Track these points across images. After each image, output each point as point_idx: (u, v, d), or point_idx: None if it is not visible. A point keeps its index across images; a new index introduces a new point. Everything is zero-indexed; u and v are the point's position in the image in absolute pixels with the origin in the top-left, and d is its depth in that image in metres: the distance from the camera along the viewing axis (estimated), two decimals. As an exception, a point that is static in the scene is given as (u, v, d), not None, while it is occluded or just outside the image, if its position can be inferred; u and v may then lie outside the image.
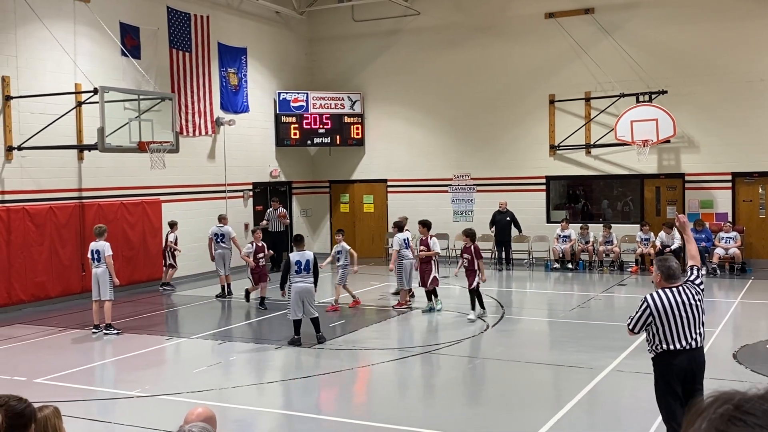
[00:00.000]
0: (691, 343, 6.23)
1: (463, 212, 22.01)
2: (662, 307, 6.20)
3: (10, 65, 15.05)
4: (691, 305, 6.23)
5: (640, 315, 6.30)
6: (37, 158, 15.46)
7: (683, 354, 6.21)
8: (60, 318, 14.31)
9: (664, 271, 6.33)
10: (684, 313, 6.21)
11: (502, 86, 21.26)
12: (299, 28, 23.44)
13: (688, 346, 6.21)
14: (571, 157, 20.74)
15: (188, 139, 18.66)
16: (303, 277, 11.64)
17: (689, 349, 6.22)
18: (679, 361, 6.22)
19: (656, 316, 6.21)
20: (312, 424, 8.31)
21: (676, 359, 6.22)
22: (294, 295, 11.60)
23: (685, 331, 6.20)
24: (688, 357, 6.23)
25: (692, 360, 6.25)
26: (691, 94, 19.17)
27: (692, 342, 6.23)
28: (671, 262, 6.39)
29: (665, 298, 6.23)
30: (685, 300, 6.23)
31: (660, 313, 6.20)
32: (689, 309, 6.22)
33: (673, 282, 6.31)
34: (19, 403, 3.65)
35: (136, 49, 17.58)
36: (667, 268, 6.33)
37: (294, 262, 11.66)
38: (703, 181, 19.46)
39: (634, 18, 19.82)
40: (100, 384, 10.28)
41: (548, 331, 13.34)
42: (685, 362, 6.22)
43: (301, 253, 11.83)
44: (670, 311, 6.19)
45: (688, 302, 6.23)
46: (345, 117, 22.76)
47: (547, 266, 20.03)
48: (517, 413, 8.48)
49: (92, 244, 12.95)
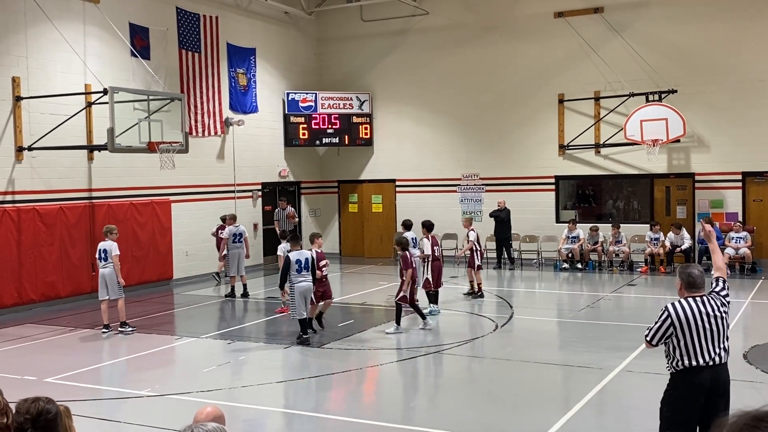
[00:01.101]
0: (715, 359, 5.67)
1: (471, 212, 21.96)
2: (685, 318, 5.66)
3: (20, 66, 15.13)
4: (716, 317, 5.70)
5: (660, 325, 5.74)
6: (48, 158, 15.53)
7: (706, 371, 5.65)
8: (70, 318, 14.37)
9: (685, 278, 5.84)
10: (708, 325, 5.67)
11: (511, 86, 21.22)
12: (308, 29, 23.47)
13: (711, 362, 5.66)
14: (580, 157, 20.69)
15: (197, 140, 18.71)
16: (304, 276, 11.70)
17: (713, 366, 5.66)
18: (701, 378, 5.65)
19: (677, 328, 5.67)
20: (320, 424, 8.31)
21: (698, 377, 5.65)
22: (297, 295, 11.64)
23: (708, 345, 5.66)
24: (712, 374, 5.67)
25: (716, 378, 5.69)
26: (701, 93, 19.09)
27: (716, 357, 5.67)
28: (692, 269, 5.89)
29: (688, 308, 5.69)
30: (709, 311, 5.70)
31: (682, 325, 5.66)
32: (714, 321, 5.69)
33: (695, 291, 5.80)
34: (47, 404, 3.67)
35: (146, 50, 17.64)
36: (687, 275, 5.84)
37: (294, 261, 11.67)
38: (713, 180, 19.38)
39: (643, 17, 19.75)
40: (109, 383, 10.31)
41: (557, 331, 13.31)
42: (708, 380, 5.65)
43: (300, 252, 11.86)
44: (693, 323, 5.66)
45: (712, 313, 5.70)
46: (353, 117, 22.78)
47: (557, 266, 19.99)
48: (526, 414, 8.46)
49: (100, 244, 13.03)
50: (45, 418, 3.59)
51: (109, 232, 13.05)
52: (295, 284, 11.64)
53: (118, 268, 12.87)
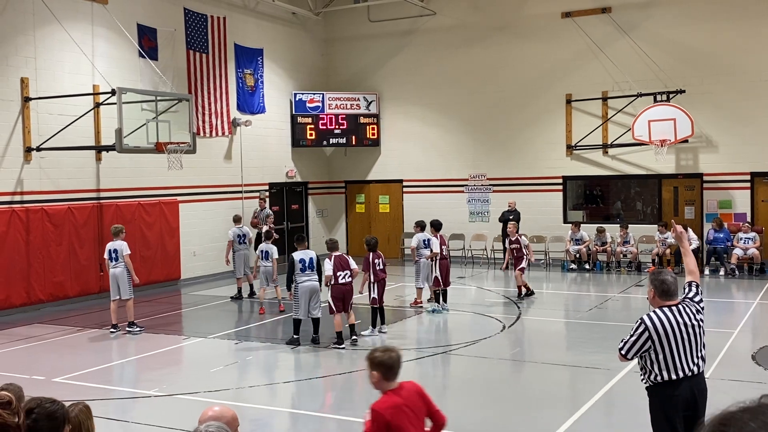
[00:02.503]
0: (693, 370, 5.43)
1: (479, 212, 21.96)
2: (663, 331, 5.36)
3: (29, 66, 15.19)
4: (693, 326, 5.44)
5: (636, 338, 5.43)
6: (56, 159, 15.59)
7: (685, 382, 5.42)
8: (78, 318, 14.42)
9: (657, 285, 5.53)
10: (687, 336, 5.40)
11: (519, 86, 21.19)
12: (315, 29, 23.49)
13: (690, 373, 5.42)
14: (588, 157, 20.64)
15: (205, 140, 18.75)
16: (309, 276, 11.67)
17: (691, 377, 5.43)
18: (680, 391, 5.42)
19: (656, 341, 5.37)
20: (326, 424, 8.32)
21: (677, 389, 5.42)
22: (302, 294, 11.62)
23: (687, 357, 5.40)
24: (690, 385, 5.44)
25: (694, 387, 5.47)
26: (710, 93, 19.02)
27: (694, 368, 5.44)
28: (665, 276, 5.57)
29: (665, 319, 5.40)
30: (687, 321, 5.43)
31: (660, 338, 5.36)
32: (691, 331, 5.42)
33: (669, 299, 5.50)
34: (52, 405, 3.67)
35: (154, 51, 17.69)
36: (660, 282, 5.52)
37: (298, 260, 11.65)
38: (721, 181, 19.30)
39: (651, 17, 19.69)
40: (117, 383, 10.34)
41: (565, 331, 13.28)
42: (687, 391, 5.43)
43: (304, 251, 11.84)
44: (672, 335, 5.37)
45: (690, 323, 5.43)
46: (361, 117, 22.78)
47: (564, 266, 19.95)
48: (533, 414, 8.44)
49: (109, 244, 13.07)
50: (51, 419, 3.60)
51: (119, 231, 13.08)
52: (299, 284, 11.63)
53: (131, 267, 12.91)
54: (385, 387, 4.65)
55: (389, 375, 4.65)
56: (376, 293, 12.30)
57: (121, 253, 12.80)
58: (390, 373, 4.65)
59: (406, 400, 4.62)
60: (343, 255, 11.92)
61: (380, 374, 4.63)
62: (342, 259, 11.74)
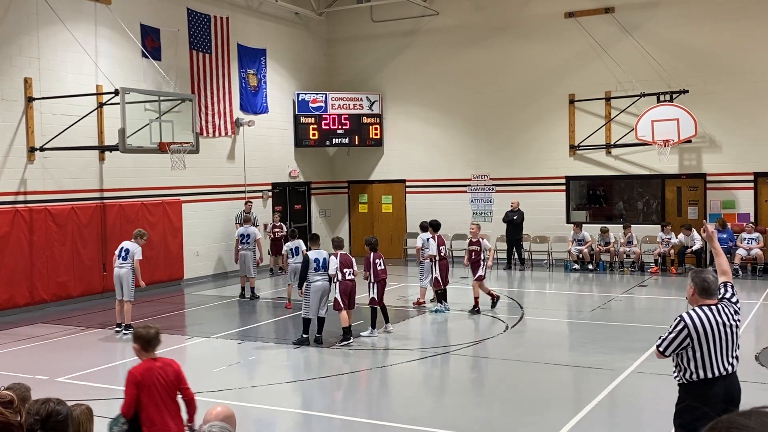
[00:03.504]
0: (728, 369, 5.50)
1: (481, 212, 21.95)
2: (702, 329, 5.41)
3: (32, 67, 15.21)
4: (730, 326, 5.49)
5: (675, 336, 5.46)
6: (59, 159, 15.60)
7: (720, 381, 5.48)
8: (81, 317, 14.43)
9: (699, 283, 5.56)
10: (724, 335, 5.46)
11: (522, 86, 21.17)
12: (318, 29, 23.49)
13: (725, 372, 5.48)
14: (591, 157, 20.63)
15: (208, 140, 18.76)
16: (322, 276, 11.74)
17: (725, 376, 5.49)
18: (715, 390, 5.46)
19: (695, 339, 5.42)
20: (330, 424, 8.32)
21: (712, 389, 5.46)
22: (313, 294, 11.69)
23: (723, 356, 5.47)
24: (725, 384, 5.50)
25: (729, 387, 5.53)
26: (713, 93, 18.99)
27: (729, 368, 5.50)
28: (707, 275, 5.61)
29: (705, 318, 5.43)
30: (725, 320, 5.47)
31: (699, 336, 5.41)
32: (729, 331, 5.48)
33: (708, 298, 5.55)
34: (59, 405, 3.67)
35: (157, 51, 17.70)
36: (701, 280, 5.56)
37: (313, 260, 11.74)
38: (724, 181, 19.28)
39: (654, 17, 19.67)
40: (120, 383, 10.30)
41: (568, 332, 13.27)
42: (722, 391, 5.48)
43: (318, 251, 11.95)
44: (711, 333, 5.42)
45: (727, 323, 5.48)
46: (363, 117, 22.78)
47: (567, 267, 19.93)
48: (536, 415, 8.44)
49: (125, 243, 12.97)
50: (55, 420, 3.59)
51: (140, 236, 12.98)
52: (311, 283, 11.69)
53: (139, 272, 12.88)
54: (144, 357, 5.76)
55: (147, 347, 5.75)
56: (375, 293, 12.31)
57: (133, 256, 12.76)
58: (148, 345, 5.75)
59: (159, 369, 5.68)
60: (347, 254, 12.09)
61: (140, 346, 5.76)
62: (347, 257, 11.93)
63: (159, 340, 5.79)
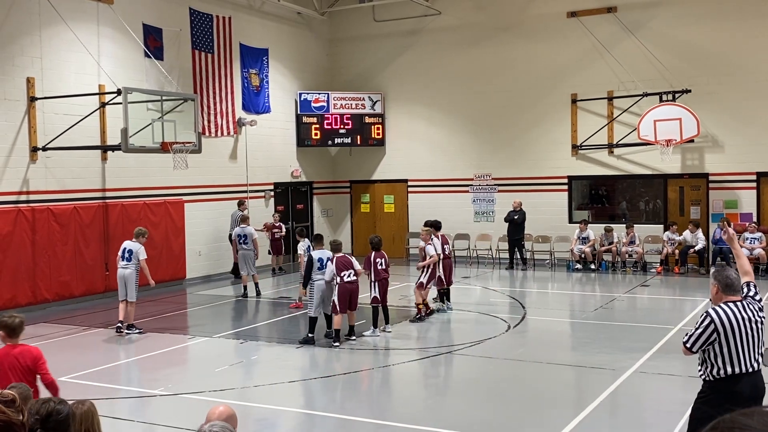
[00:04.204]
0: (754, 366, 5.53)
1: (483, 212, 21.94)
2: (729, 324, 5.45)
3: (34, 66, 15.22)
4: (756, 322, 5.56)
5: (702, 331, 5.49)
6: (62, 159, 15.62)
7: (745, 377, 5.50)
8: (84, 317, 14.45)
9: (722, 280, 5.61)
10: (750, 331, 5.51)
11: (524, 86, 21.16)
12: (320, 29, 23.49)
13: (751, 368, 5.51)
14: (593, 157, 20.61)
15: (210, 140, 18.77)
16: (323, 274, 11.90)
17: (751, 372, 5.53)
18: (741, 387, 5.48)
19: (721, 334, 5.45)
20: (333, 424, 8.32)
21: (737, 385, 5.48)
22: (317, 293, 11.85)
23: (748, 352, 5.51)
24: (751, 382, 5.54)
25: (754, 386, 5.57)
26: (716, 93, 18.96)
27: (755, 364, 5.53)
28: (729, 272, 5.69)
29: (731, 313, 5.49)
30: (750, 316, 5.54)
31: (726, 331, 5.45)
32: (754, 327, 5.55)
33: (732, 294, 5.59)
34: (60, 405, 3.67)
35: (159, 51, 17.71)
36: (725, 277, 5.62)
37: (316, 259, 11.92)
38: (727, 181, 19.25)
39: (657, 17, 19.65)
40: (123, 383, 10.35)
41: (570, 332, 13.26)
42: (748, 389, 5.50)
43: (321, 251, 12.14)
44: (738, 329, 5.46)
45: (754, 319, 5.55)
46: (366, 117, 22.78)
47: (569, 266, 19.92)
48: (538, 414, 8.43)
49: (126, 243, 12.96)
50: (55, 419, 3.59)
51: (141, 234, 12.99)
52: (315, 282, 11.88)
53: (147, 270, 12.88)
54: (7, 342, 6.39)
55: (12, 335, 6.38)
56: (377, 292, 12.31)
57: (137, 256, 12.76)
58: (12, 333, 6.37)
59: (16, 354, 6.28)
60: (345, 256, 12.06)
61: (5, 333, 6.35)
62: (344, 259, 11.90)
63: (22, 328, 6.45)
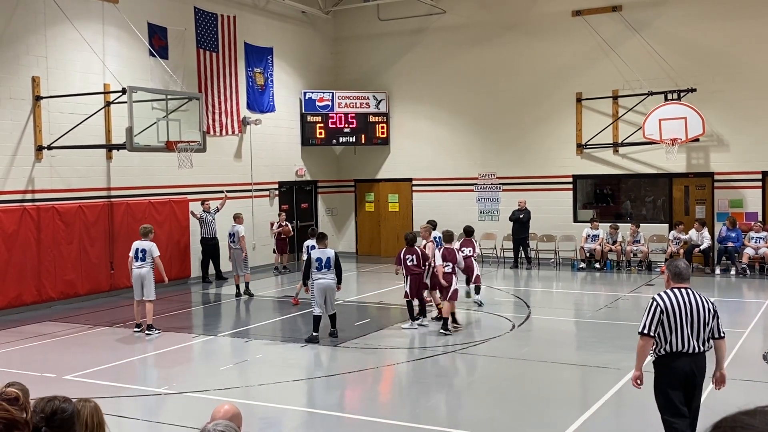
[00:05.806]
0: (695, 347, 6.05)
1: (488, 211, 21.92)
2: (671, 306, 6.04)
3: (40, 66, 15.25)
4: (700, 308, 6.06)
5: (652, 315, 6.10)
6: (67, 158, 15.65)
7: (684, 357, 6.05)
8: (89, 315, 14.47)
9: (672, 270, 6.22)
10: (691, 315, 6.03)
11: (529, 84, 21.14)
12: (325, 28, 23.50)
13: (691, 349, 6.04)
14: (598, 156, 20.58)
15: (215, 139, 18.79)
16: (324, 274, 11.98)
17: (692, 353, 6.05)
18: (679, 363, 6.07)
19: (667, 314, 6.03)
20: (336, 422, 8.32)
21: (677, 361, 6.07)
22: (316, 291, 11.94)
23: (688, 333, 6.03)
24: (691, 360, 6.07)
25: (693, 363, 6.08)
26: (721, 92, 18.91)
27: (695, 346, 6.05)
28: (680, 263, 6.29)
29: (674, 297, 6.08)
30: (694, 302, 6.06)
31: (669, 312, 6.03)
32: (696, 311, 6.04)
33: (681, 282, 6.17)
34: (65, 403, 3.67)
35: (164, 50, 17.74)
36: (675, 266, 6.23)
37: (315, 259, 12.02)
38: (732, 180, 19.20)
39: (662, 15, 19.61)
40: (127, 381, 10.37)
41: (575, 331, 13.25)
42: (687, 366, 6.07)
43: (322, 250, 12.17)
44: (680, 310, 6.02)
45: (698, 304, 6.06)
46: (370, 116, 22.78)
47: (574, 266, 19.89)
48: (543, 413, 8.43)
49: (137, 243, 12.96)
50: (60, 418, 3.59)
51: (149, 232, 13.02)
52: (314, 281, 11.96)
53: (162, 267, 12.91)
54: None
55: None
56: (408, 287, 12.65)
57: (150, 254, 12.78)
58: None
59: None
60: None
61: None
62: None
63: None
